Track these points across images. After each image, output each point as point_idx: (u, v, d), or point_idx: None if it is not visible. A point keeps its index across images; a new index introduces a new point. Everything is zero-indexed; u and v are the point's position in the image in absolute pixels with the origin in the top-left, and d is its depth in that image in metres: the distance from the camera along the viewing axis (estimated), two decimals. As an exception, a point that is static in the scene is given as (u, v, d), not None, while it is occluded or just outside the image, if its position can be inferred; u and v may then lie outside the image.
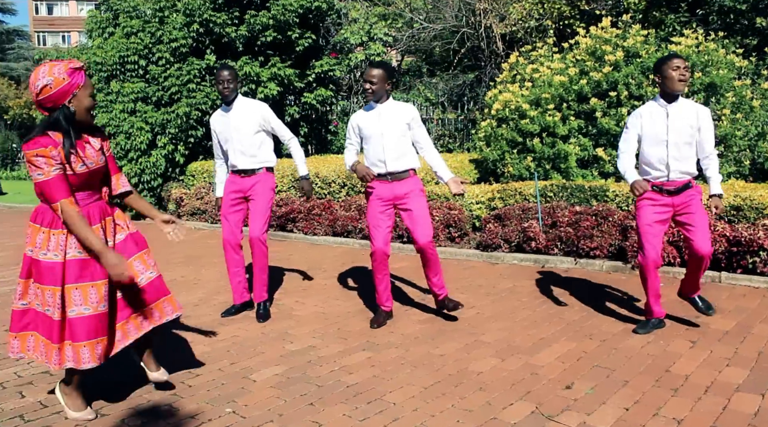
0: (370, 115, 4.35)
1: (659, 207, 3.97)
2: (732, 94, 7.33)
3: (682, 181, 3.94)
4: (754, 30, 8.97)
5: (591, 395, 3.20)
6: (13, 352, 3.02)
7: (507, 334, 4.20)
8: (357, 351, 3.93)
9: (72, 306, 2.86)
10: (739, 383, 3.27)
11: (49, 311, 2.88)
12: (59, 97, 2.79)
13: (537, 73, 8.49)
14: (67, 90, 2.79)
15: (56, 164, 2.77)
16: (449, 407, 3.10)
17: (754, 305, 4.67)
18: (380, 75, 4.22)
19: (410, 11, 13.94)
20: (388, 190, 4.33)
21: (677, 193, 3.94)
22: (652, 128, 3.95)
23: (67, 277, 2.86)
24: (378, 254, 4.31)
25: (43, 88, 2.76)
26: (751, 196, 5.72)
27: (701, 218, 3.93)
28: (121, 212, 3.17)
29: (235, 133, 4.60)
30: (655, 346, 3.88)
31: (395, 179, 4.32)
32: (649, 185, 3.97)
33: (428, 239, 4.27)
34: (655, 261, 3.97)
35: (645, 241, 3.98)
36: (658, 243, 3.97)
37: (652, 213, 3.97)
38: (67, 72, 2.78)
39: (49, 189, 2.77)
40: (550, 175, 7.70)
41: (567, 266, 6.10)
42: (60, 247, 2.86)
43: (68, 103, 2.81)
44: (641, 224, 4.00)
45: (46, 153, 2.74)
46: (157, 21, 10.88)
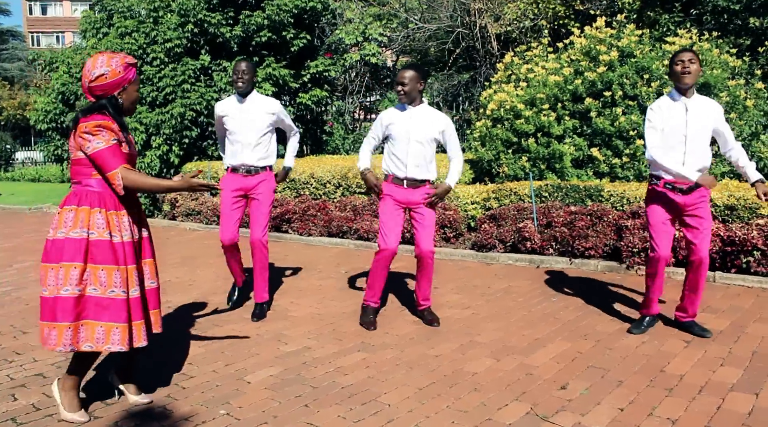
0: (402, 116, 4.31)
1: (670, 205, 3.95)
2: (726, 94, 7.35)
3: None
4: (747, 30, 9.00)
5: (586, 395, 3.20)
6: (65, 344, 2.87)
7: (502, 334, 4.20)
8: (352, 352, 3.92)
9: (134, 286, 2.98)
10: (733, 383, 3.28)
11: (114, 292, 2.91)
12: (111, 87, 2.94)
13: (532, 73, 8.49)
14: (119, 82, 2.95)
15: (115, 136, 2.89)
16: (444, 407, 3.10)
17: (747, 304, 4.68)
18: (412, 76, 4.22)
19: (405, 11, 13.94)
20: (403, 195, 4.33)
21: (689, 193, 3.90)
22: (670, 122, 3.89)
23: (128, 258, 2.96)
24: (388, 253, 4.30)
25: (99, 76, 2.91)
26: (744, 196, 5.73)
27: (706, 223, 3.93)
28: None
29: (247, 127, 4.56)
30: (649, 346, 3.89)
31: (410, 186, 4.31)
32: (661, 183, 3.95)
33: (430, 248, 4.31)
34: (666, 258, 3.97)
35: (657, 237, 3.96)
36: (669, 240, 3.97)
37: (663, 211, 3.96)
38: (122, 65, 2.94)
39: (108, 156, 2.85)
40: (545, 175, 7.71)
41: (562, 266, 6.11)
42: (126, 228, 2.97)
43: (118, 95, 2.97)
44: (653, 222, 3.98)
45: (108, 125, 2.86)
46: (152, 21, 10.85)
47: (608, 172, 7.59)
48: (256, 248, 4.56)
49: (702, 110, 3.89)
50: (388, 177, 4.37)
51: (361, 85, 14.15)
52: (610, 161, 7.52)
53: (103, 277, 2.89)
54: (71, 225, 2.90)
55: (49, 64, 11.56)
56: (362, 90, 14.22)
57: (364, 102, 14.61)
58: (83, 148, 2.86)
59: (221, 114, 4.64)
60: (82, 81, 2.96)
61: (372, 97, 14.47)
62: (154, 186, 2.89)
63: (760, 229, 5.27)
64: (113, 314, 2.91)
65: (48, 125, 11.11)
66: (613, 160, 7.49)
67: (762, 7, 8.79)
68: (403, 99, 4.27)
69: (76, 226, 2.89)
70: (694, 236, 3.93)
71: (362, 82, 14.15)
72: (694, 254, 3.94)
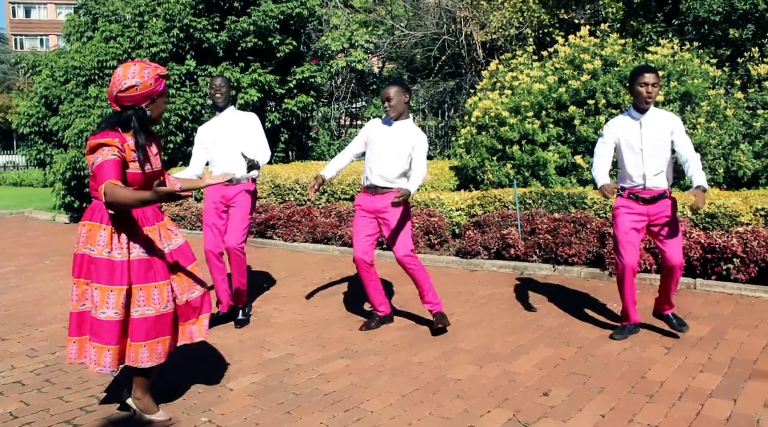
0: (383, 128, 4.39)
1: (635, 215, 4.02)
2: (706, 103, 7.45)
3: (658, 191, 3.99)
4: (727, 41, 9.14)
5: (568, 401, 3.22)
6: (70, 357, 2.97)
7: (486, 341, 4.21)
8: (335, 359, 3.92)
9: (135, 306, 2.90)
10: (712, 389, 3.32)
11: (105, 314, 2.85)
12: (141, 99, 2.88)
13: (516, 81, 8.56)
14: (149, 94, 2.88)
15: (117, 152, 2.79)
16: (427, 414, 3.10)
17: (727, 311, 4.73)
18: (397, 91, 4.29)
19: (391, 18, 14.00)
20: (369, 202, 4.37)
21: (653, 202, 3.99)
22: (627, 138, 4.01)
23: (133, 277, 2.89)
24: (357, 262, 4.37)
25: (130, 87, 2.84)
26: (724, 204, 5.81)
27: (674, 229, 3.99)
28: (170, 219, 3.16)
29: (226, 140, 4.58)
30: (631, 352, 3.92)
31: (377, 193, 4.35)
32: (617, 187, 3.98)
33: (404, 253, 4.30)
34: (632, 267, 4.02)
35: (622, 248, 4.03)
36: (635, 250, 4.03)
37: (628, 221, 4.03)
38: (154, 77, 2.88)
39: (101, 171, 2.73)
40: (529, 183, 7.75)
41: (545, 272, 6.15)
42: (124, 246, 2.89)
43: (146, 106, 2.90)
44: (618, 232, 4.06)
45: (111, 142, 2.78)
46: (137, 26, 10.81)
47: (592, 180, 7.64)
48: (232, 255, 4.57)
49: (657, 125, 3.97)
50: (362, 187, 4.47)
51: (347, 92, 14.17)
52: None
53: (96, 296, 2.86)
54: (83, 241, 2.91)
55: (32, 67, 11.46)
56: (348, 96, 14.24)
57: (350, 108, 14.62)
58: (90, 163, 2.83)
59: (201, 135, 4.70)
60: (110, 89, 2.88)
61: (358, 104, 14.49)
62: (132, 199, 2.68)
63: (740, 236, 5.34)
64: (99, 335, 2.88)
65: (30, 129, 11.00)
66: (596, 168, 7.55)
67: (741, 18, 8.93)
68: (391, 113, 4.32)
69: (87, 242, 2.90)
70: (663, 244, 4.01)
71: (348, 88, 14.17)
72: (666, 261, 4.01)
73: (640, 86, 3.90)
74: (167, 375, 3.65)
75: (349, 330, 4.50)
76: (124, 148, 2.83)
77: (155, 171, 3.00)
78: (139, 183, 2.90)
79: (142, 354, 2.91)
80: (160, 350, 2.96)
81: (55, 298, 5.55)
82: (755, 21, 8.88)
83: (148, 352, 2.92)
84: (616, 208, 4.10)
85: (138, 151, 2.88)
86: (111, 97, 2.89)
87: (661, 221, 4.00)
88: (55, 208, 11.65)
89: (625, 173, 4.06)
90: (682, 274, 4.07)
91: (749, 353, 3.82)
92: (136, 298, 2.89)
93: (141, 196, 2.69)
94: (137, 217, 2.95)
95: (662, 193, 4.00)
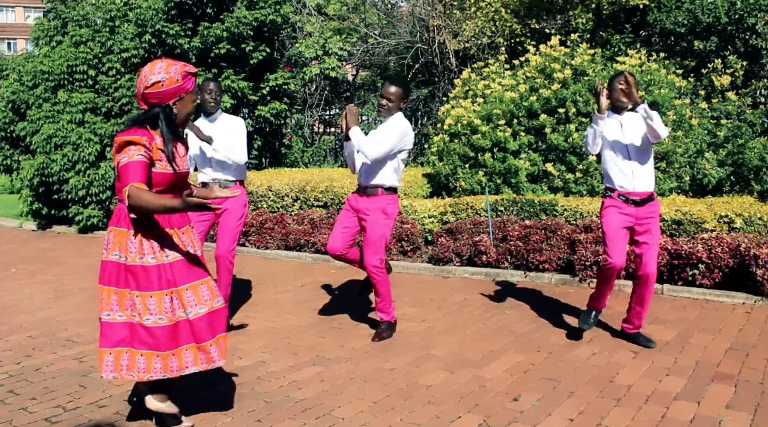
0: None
1: (624, 215, 4.07)
2: (673, 113, 7.61)
3: (647, 193, 4.06)
4: (692, 52, 9.35)
5: (537, 406, 3.26)
6: (106, 372, 2.84)
7: (457, 347, 4.24)
8: (307, 366, 3.91)
9: (188, 308, 2.82)
10: (677, 392, 3.39)
11: (149, 320, 2.78)
12: (167, 96, 2.80)
13: (489, 89, 8.65)
14: (176, 92, 2.80)
15: (145, 152, 2.72)
16: (398, 420, 3.12)
17: (692, 315, 4.83)
18: (398, 93, 4.29)
19: (365, 26, 14.05)
20: (354, 201, 4.42)
21: (641, 205, 4.05)
22: (612, 136, 4.10)
23: (177, 278, 2.81)
24: (329, 251, 4.42)
25: (155, 83, 2.76)
26: (690, 211, 5.94)
27: (655, 239, 4.08)
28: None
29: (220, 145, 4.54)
30: (600, 357, 3.98)
31: (363, 194, 4.37)
32: (615, 194, 4.09)
33: (371, 262, 4.29)
34: (620, 266, 4.05)
35: (611, 244, 4.05)
36: (623, 248, 4.07)
37: (618, 219, 4.07)
38: (181, 74, 2.80)
39: (126, 172, 2.68)
40: (501, 190, 7.83)
41: (517, 279, 6.21)
42: (157, 250, 2.81)
43: (173, 104, 2.82)
44: (608, 229, 4.09)
45: (138, 140, 2.71)
46: (108, 31, 10.67)
47: (562, 187, 7.75)
48: (221, 263, 4.52)
49: (635, 123, 4.09)
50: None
51: (320, 99, 14.16)
52: (564, 176, 7.69)
53: (138, 304, 2.80)
54: (110, 247, 2.84)
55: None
56: (322, 103, 14.24)
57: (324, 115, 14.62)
58: (116, 162, 2.76)
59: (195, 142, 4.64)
60: (137, 87, 2.82)
61: (331, 111, 14.49)
62: (157, 205, 2.62)
63: (705, 243, 5.46)
64: (147, 342, 2.81)
65: (-3, 134, 10.78)
66: (567, 176, 7.66)
67: (705, 31, 9.16)
68: (384, 113, 4.33)
69: (115, 249, 2.83)
70: (643, 250, 4.06)
71: (322, 95, 14.17)
72: (641, 268, 4.07)
73: (613, 91, 4.05)
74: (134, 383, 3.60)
75: (321, 337, 4.50)
76: (152, 146, 2.75)
77: (181, 173, 2.90)
78: (165, 184, 2.81)
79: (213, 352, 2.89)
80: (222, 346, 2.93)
81: (21, 307, 5.44)
82: (718, 34, 9.12)
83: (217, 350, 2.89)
84: (605, 207, 4.14)
85: (166, 150, 2.79)
86: (138, 95, 2.84)
87: (646, 226, 4.06)
88: (22, 216, 11.42)
89: (613, 174, 4.11)
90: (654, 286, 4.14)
91: (713, 357, 3.91)
92: (184, 299, 2.81)
93: (167, 204, 2.63)
94: (160, 219, 2.85)
95: (650, 195, 4.08)
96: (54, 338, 4.55)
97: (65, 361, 4.04)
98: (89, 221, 10.22)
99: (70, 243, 9.42)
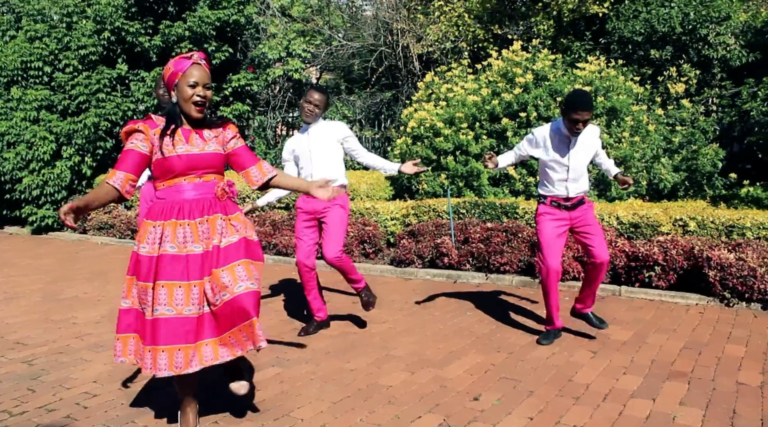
0: (302, 136, 4.48)
1: (558, 221, 4.16)
2: (630, 119, 7.78)
3: (578, 198, 4.17)
4: (649, 60, 9.60)
5: (498, 406, 3.27)
6: (116, 356, 2.81)
7: (418, 347, 4.24)
8: (266, 367, 3.85)
9: (156, 305, 2.67)
10: (634, 390, 3.44)
11: (127, 303, 2.76)
12: (168, 84, 2.81)
13: (451, 93, 8.70)
14: (170, 79, 2.80)
15: (138, 142, 2.71)
16: (358, 421, 3.09)
17: (649, 316, 4.93)
18: (322, 98, 4.39)
19: (329, 29, 14.02)
20: (309, 204, 4.37)
21: (574, 208, 4.16)
22: (555, 153, 4.12)
23: (158, 272, 2.69)
24: (299, 266, 4.39)
25: (163, 74, 2.84)
26: (647, 214, 6.07)
27: (597, 228, 4.19)
28: (242, 216, 2.93)
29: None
30: (559, 357, 4.02)
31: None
32: (548, 200, 4.18)
33: (332, 255, 4.26)
34: (555, 270, 4.12)
35: (546, 252, 4.14)
36: (558, 255, 4.15)
37: (552, 227, 4.16)
38: (174, 61, 2.80)
39: (118, 159, 2.73)
40: (463, 193, 7.88)
41: (478, 281, 6.25)
42: (156, 240, 2.72)
43: (173, 91, 2.80)
44: (543, 238, 4.17)
45: (133, 128, 2.74)
46: (65, 26, 10.41)
47: (524, 190, 7.84)
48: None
49: (585, 140, 4.14)
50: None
51: (283, 101, 14.06)
52: (525, 180, 7.78)
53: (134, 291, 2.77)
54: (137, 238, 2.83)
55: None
56: (285, 105, 14.13)
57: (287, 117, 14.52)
58: None
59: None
60: None
61: (295, 113, 14.39)
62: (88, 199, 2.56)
63: (661, 245, 5.58)
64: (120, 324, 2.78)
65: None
66: (528, 179, 7.75)
67: (660, 40, 9.40)
68: (311, 118, 4.40)
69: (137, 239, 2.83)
70: (590, 240, 4.16)
71: (285, 97, 14.06)
72: (595, 257, 4.15)
73: (571, 122, 3.94)
74: (87, 386, 3.50)
75: (280, 338, 4.44)
76: (149, 134, 2.72)
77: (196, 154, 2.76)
78: (174, 167, 2.72)
79: (160, 360, 2.64)
80: (180, 360, 2.65)
81: (-31, 309, 5.24)
82: (673, 43, 9.38)
83: (167, 359, 2.64)
84: (540, 214, 4.22)
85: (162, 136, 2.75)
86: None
87: (583, 223, 4.17)
88: (-27, 216, 11.05)
89: (548, 182, 4.19)
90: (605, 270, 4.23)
91: (668, 356, 3.98)
92: (158, 295, 2.68)
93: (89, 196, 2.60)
94: (165, 209, 2.75)
95: (581, 199, 4.18)
96: (2, 340, 4.39)
97: (13, 364, 3.90)
98: (43, 221, 9.94)
99: (23, 244, 9.14)
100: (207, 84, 2.81)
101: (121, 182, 2.67)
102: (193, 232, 2.74)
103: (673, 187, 7.76)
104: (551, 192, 4.18)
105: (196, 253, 2.72)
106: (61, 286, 6.18)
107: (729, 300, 5.15)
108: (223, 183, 2.85)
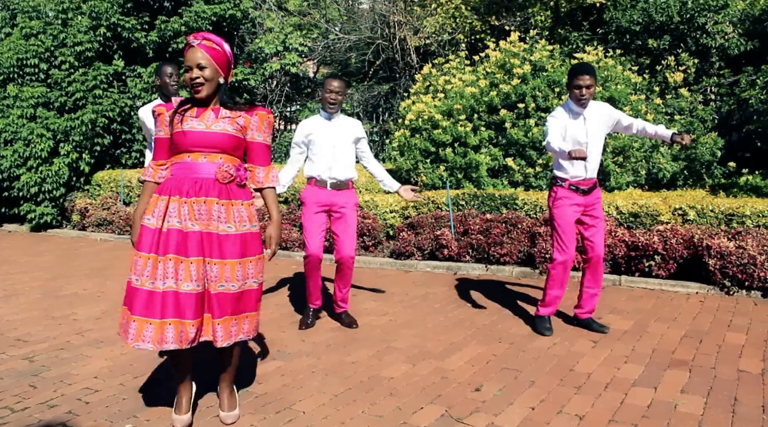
0: (325, 122, 4.43)
1: (575, 206, 4.11)
2: (629, 108, 7.76)
3: (593, 181, 4.12)
4: (647, 50, 9.57)
5: (499, 396, 3.27)
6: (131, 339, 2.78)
7: (419, 340, 4.23)
8: (267, 361, 3.85)
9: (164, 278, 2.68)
10: (635, 379, 3.44)
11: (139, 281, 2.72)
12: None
13: (449, 85, 8.68)
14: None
15: (159, 128, 2.88)
16: (360, 413, 3.09)
17: (649, 305, 4.93)
18: (342, 85, 4.36)
19: (326, 22, 13.97)
20: (325, 197, 4.37)
21: (589, 193, 4.11)
22: (572, 132, 4.07)
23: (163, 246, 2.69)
24: (311, 257, 4.38)
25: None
26: (647, 204, 6.06)
27: (602, 223, 4.17)
28: (249, 209, 2.86)
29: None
30: (560, 347, 4.02)
31: (335, 187, 4.39)
32: (566, 184, 4.09)
33: (352, 254, 4.36)
34: (573, 260, 4.13)
35: (566, 239, 4.08)
36: (575, 241, 4.13)
37: (570, 212, 4.10)
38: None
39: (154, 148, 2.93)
40: (461, 184, 7.87)
41: (478, 272, 6.24)
42: (161, 214, 2.74)
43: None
44: (562, 223, 4.10)
45: (156, 112, 2.88)
46: (60, 23, 10.37)
47: (522, 181, 7.83)
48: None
49: (597, 117, 4.10)
50: (310, 181, 4.44)
51: (281, 95, 14.03)
52: (524, 171, 7.77)
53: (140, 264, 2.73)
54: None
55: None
56: (282, 100, 14.11)
57: (285, 112, 14.49)
58: None
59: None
60: None
61: (292, 107, 14.37)
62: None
63: (660, 234, 5.58)
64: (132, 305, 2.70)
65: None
66: (527, 170, 7.74)
67: (658, 29, 9.38)
68: (336, 108, 4.38)
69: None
70: (592, 234, 4.14)
71: (282, 91, 14.04)
72: (592, 251, 4.14)
73: (576, 89, 3.97)
74: (88, 381, 3.50)
75: (281, 332, 4.44)
76: (166, 115, 2.85)
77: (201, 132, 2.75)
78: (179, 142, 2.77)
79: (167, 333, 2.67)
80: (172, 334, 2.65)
81: (-31, 306, 5.24)
82: (671, 32, 9.35)
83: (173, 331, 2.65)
84: (558, 199, 4.11)
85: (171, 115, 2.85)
86: None
87: (592, 212, 4.13)
88: (-30, 214, 11.03)
89: (566, 165, 4.08)
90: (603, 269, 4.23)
91: (668, 344, 3.99)
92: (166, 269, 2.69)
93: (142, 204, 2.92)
94: (170, 185, 2.77)
95: (596, 183, 4.15)
96: (2, 337, 4.38)
97: (14, 361, 3.90)
98: (42, 219, 9.92)
99: (22, 241, 9.13)
100: (200, 64, 2.76)
101: (152, 172, 2.92)
102: (190, 210, 2.73)
103: (672, 176, 7.76)
104: (569, 174, 4.08)
105: (194, 230, 2.73)
106: (60, 282, 6.18)
107: (729, 288, 5.15)
108: (226, 165, 2.79)
